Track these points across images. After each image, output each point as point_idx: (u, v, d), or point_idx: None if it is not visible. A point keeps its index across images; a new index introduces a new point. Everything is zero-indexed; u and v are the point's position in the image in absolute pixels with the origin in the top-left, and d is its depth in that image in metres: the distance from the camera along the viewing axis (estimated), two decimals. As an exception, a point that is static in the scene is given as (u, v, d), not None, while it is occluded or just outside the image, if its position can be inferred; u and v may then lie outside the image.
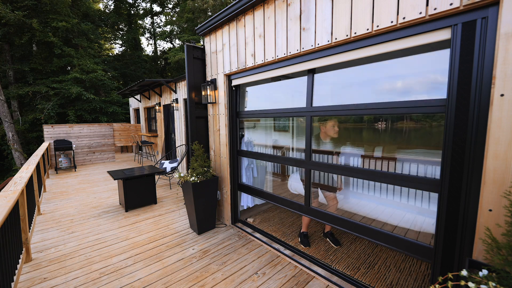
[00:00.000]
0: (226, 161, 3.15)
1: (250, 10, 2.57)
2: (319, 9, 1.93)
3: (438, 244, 1.49)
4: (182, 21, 17.41)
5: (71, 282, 2.12)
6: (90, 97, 12.07)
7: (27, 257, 2.44)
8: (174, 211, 3.77)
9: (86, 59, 12.93)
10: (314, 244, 2.75)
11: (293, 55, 2.18)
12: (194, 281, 2.13)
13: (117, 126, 9.34)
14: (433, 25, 1.41)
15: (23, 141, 11.84)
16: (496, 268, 1.00)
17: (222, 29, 3.01)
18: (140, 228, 3.20)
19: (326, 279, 2.13)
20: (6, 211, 1.70)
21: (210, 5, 14.42)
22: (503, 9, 1.16)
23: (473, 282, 0.91)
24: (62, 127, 7.33)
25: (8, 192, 2.10)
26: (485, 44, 1.24)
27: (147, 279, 2.16)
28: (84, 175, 6.35)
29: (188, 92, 3.28)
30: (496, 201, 1.21)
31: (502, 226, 1.16)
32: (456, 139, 1.37)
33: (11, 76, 11.54)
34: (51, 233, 3.07)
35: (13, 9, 10.50)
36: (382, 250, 2.60)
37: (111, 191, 4.85)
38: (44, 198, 4.44)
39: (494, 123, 1.20)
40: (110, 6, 17.78)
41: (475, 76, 1.28)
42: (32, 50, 11.86)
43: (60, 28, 11.84)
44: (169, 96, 6.67)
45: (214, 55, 3.21)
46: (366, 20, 1.65)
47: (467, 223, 1.35)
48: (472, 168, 1.31)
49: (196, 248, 2.69)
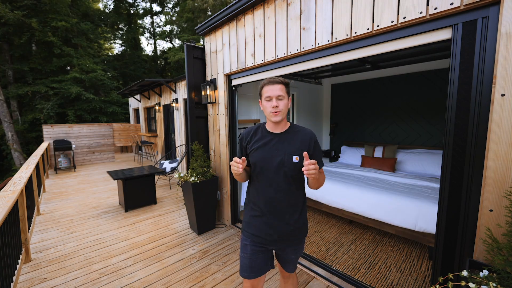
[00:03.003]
0: (226, 161, 3.15)
1: (250, 10, 2.57)
2: (319, 8, 1.92)
3: (438, 244, 1.48)
4: (182, 20, 17.40)
5: (71, 283, 2.11)
6: (90, 97, 12.06)
7: (27, 257, 2.43)
8: (174, 211, 3.77)
9: (86, 59, 12.92)
10: (315, 245, 2.75)
11: (293, 54, 2.18)
12: (194, 282, 2.13)
13: (117, 126, 9.33)
14: (433, 25, 1.40)
15: (23, 141, 11.82)
16: (496, 269, 1.00)
17: (222, 29, 3.00)
18: (140, 228, 3.20)
19: (326, 279, 2.13)
20: (5, 212, 1.70)
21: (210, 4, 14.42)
22: (503, 8, 1.15)
23: (474, 282, 0.91)
24: (61, 127, 7.32)
25: (7, 192, 2.09)
26: (486, 43, 1.24)
27: (147, 279, 2.16)
28: (84, 175, 6.34)
29: (188, 92, 3.27)
30: (497, 201, 1.20)
31: (503, 227, 1.16)
32: (456, 139, 1.37)
33: (11, 76, 11.52)
34: (51, 233, 3.06)
35: (12, 8, 10.47)
36: (383, 251, 2.60)
37: (110, 191, 4.84)
38: (43, 198, 4.43)
39: (494, 123, 1.20)
40: (110, 5, 17.75)
41: (475, 75, 1.28)
42: (31, 50, 11.83)
43: (60, 28, 11.82)
44: (168, 96, 6.66)
45: (214, 54, 3.21)
46: (367, 20, 1.64)
47: (468, 223, 1.34)
48: (473, 168, 1.31)
49: (196, 248, 2.69)
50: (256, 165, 1.28)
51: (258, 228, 1.29)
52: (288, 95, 1.26)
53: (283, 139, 1.26)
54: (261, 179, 1.28)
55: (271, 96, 1.20)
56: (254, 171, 1.30)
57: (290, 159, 1.22)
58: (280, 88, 1.20)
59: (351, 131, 5.10)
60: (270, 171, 1.25)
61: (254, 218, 1.31)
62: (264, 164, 1.25)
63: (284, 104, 1.22)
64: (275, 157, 1.24)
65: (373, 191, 2.85)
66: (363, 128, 4.88)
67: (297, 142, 1.25)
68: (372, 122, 4.71)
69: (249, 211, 1.35)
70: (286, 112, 1.26)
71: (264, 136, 1.30)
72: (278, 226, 1.27)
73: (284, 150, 1.24)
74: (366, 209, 2.78)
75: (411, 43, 1.52)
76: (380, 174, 3.61)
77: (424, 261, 2.40)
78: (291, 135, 1.28)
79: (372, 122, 4.72)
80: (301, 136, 1.27)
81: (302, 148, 1.24)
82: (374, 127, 4.69)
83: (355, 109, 4.97)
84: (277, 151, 1.25)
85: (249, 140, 1.33)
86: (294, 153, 1.23)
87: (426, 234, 2.39)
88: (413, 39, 1.51)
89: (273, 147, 1.26)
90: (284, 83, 1.23)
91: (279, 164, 1.23)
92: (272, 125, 1.29)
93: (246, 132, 1.38)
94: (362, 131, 4.90)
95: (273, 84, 1.21)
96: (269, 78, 1.24)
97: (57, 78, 11.97)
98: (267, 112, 1.24)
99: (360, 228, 3.12)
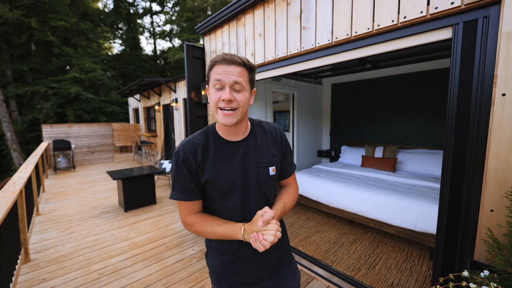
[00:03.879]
0: (226, 161, 3.14)
1: (250, 9, 2.56)
2: (319, 8, 1.92)
3: (439, 245, 1.48)
4: (182, 20, 17.40)
5: (70, 283, 2.11)
6: (89, 96, 12.05)
7: (26, 257, 2.43)
8: (174, 212, 3.76)
9: (85, 58, 12.91)
10: (315, 245, 2.74)
11: (293, 54, 2.17)
12: (194, 282, 2.12)
13: (116, 126, 9.32)
14: (434, 24, 1.40)
15: (22, 141, 11.81)
16: (497, 269, 0.99)
17: (222, 29, 3.00)
18: (140, 228, 3.19)
19: (327, 279, 2.12)
20: (4, 212, 1.69)
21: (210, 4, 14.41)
22: (504, 8, 1.15)
23: (475, 283, 0.91)
24: (61, 127, 7.31)
25: (6, 193, 2.08)
26: (487, 43, 1.23)
27: (147, 279, 2.15)
28: (83, 175, 6.33)
29: (187, 91, 3.27)
30: (498, 201, 1.20)
31: (504, 227, 1.16)
32: (457, 139, 1.36)
33: (10, 76, 11.50)
34: (50, 233, 3.06)
35: (11, 8, 10.45)
36: (383, 251, 2.59)
37: (110, 191, 4.83)
38: (43, 199, 4.42)
39: (495, 123, 1.19)
40: (109, 5, 17.73)
41: (476, 75, 1.27)
42: (30, 50, 11.82)
43: (59, 28, 11.81)
44: (168, 95, 6.65)
45: (214, 54, 3.20)
46: (367, 19, 1.64)
47: (469, 223, 1.34)
48: (474, 168, 1.30)
49: (196, 248, 2.68)
50: (224, 193, 0.86)
51: (239, 274, 0.93)
52: (252, 87, 0.84)
53: (250, 146, 0.88)
54: (230, 210, 0.87)
55: (223, 82, 0.76)
56: (214, 201, 0.88)
57: (267, 173, 0.88)
58: (239, 72, 0.76)
59: (351, 131, 5.10)
60: (243, 196, 0.86)
61: (229, 264, 0.92)
62: (233, 188, 0.85)
63: (244, 100, 0.79)
64: (248, 175, 0.86)
65: (373, 191, 2.85)
66: (363, 128, 4.87)
67: (268, 147, 0.91)
68: (372, 122, 4.70)
69: (217, 255, 0.94)
70: (246, 111, 0.83)
71: (221, 149, 0.86)
72: (262, 259, 0.93)
73: (256, 162, 0.87)
74: (367, 209, 2.78)
75: (411, 42, 1.52)
76: (380, 174, 3.61)
77: (425, 262, 2.39)
78: (258, 137, 0.91)
79: (372, 122, 4.71)
80: (270, 136, 0.93)
81: (276, 152, 0.92)
82: (374, 127, 4.69)
83: (355, 109, 4.97)
84: (248, 166, 0.86)
85: (200, 160, 0.84)
86: (270, 163, 0.89)
87: (427, 234, 2.39)
88: (414, 38, 1.50)
89: (241, 162, 0.85)
90: (248, 66, 0.79)
91: (256, 183, 0.86)
92: (227, 129, 0.85)
93: (190, 148, 0.84)
94: (362, 131, 4.90)
95: (229, 64, 0.76)
96: (225, 54, 0.77)
97: (57, 78, 11.96)
98: (213, 107, 0.80)
99: (361, 228, 3.12)
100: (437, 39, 1.42)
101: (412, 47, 1.54)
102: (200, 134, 0.88)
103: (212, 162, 0.84)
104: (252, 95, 0.85)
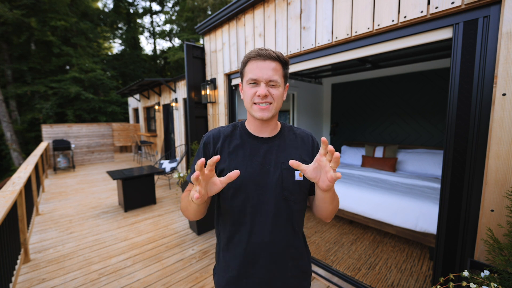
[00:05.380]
0: (226, 161, 3.14)
1: (250, 9, 2.56)
2: (319, 8, 1.92)
3: (439, 245, 1.48)
4: (182, 20, 17.39)
5: (70, 283, 2.11)
6: (89, 96, 12.05)
7: (26, 257, 2.42)
8: (174, 212, 3.76)
9: (85, 58, 12.91)
10: (315, 245, 2.74)
11: (293, 54, 2.17)
12: (194, 282, 2.12)
13: (116, 126, 9.32)
14: (434, 24, 1.40)
15: (22, 141, 11.81)
16: (498, 269, 0.99)
17: (222, 28, 3.00)
18: (139, 228, 3.19)
19: (327, 280, 2.12)
20: (4, 212, 1.69)
21: (209, 3, 14.40)
22: (505, 8, 1.15)
23: (475, 283, 0.91)
24: (60, 127, 7.30)
25: (6, 193, 2.08)
26: (487, 43, 1.23)
27: (147, 280, 2.15)
28: (83, 175, 6.33)
29: (187, 91, 3.26)
30: (498, 201, 1.20)
31: (504, 227, 1.16)
32: (457, 139, 1.36)
33: (10, 76, 11.50)
34: (50, 233, 3.05)
35: (11, 8, 10.45)
36: (383, 251, 2.59)
37: (110, 191, 4.83)
38: (42, 199, 4.41)
39: (496, 122, 1.19)
40: (109, 5, 17.74)
41: (476, 75, 1.27)
42: (30, 49, 11.82)
43: (59, 27, 11.80)
44: (168, 95, 6.65)
45: (214, 54, 3.20)
46: (367, 19, 1.63)
47: (469, 223, 1.34)
48: (474, 168, 1.30)
49: (196, 248, 2.68)
50: (236, 188, 0.78)
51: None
52: (285, 82, 0.82)
53: (276, 146, 0.83)
54: (245, 212, 0.79)
55: (259, 80, 0.75)
56: (226, 199, 0.80)
57: (291, 176, 0.79)
58: (274, 67, 0.75)
59: (352, 131, 5.10)
60: (261, 198, 0.78)
61: (233, 284, 0.82)
62: (250, 186, 0.78)
63: (279, 95, 0.77)
64: (268, 175, 0.79)
65: (373, 191, 2.85)
66: (364, 128, 4.87)
67: (297, 150, 0.84)
68: (373, 121, 4.70)
69: (221, 272, 0.85)
70: (280, 106, 0.80)
71: (245, 142, 0.83)
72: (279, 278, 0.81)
73: (281, 163, 0.80)
74: (367, 209, 2.78)
75: (412, 42, 1.51)
76: (380, 174, 3.61)
77: (425, 262, 2.39)
78: (287, 139, 0.86)
79: (372, 121, 4.71)
80: (301, 140, 0.87)
81: (305, 158, 0.84)
82: (375, 127, 4.69)
83: (355, 108, 4.97)
84: (270, 165, 0.80)
85: (219, 147, 0.82)
86: None
87: (427, 234, 2.39)
88: (414, 38, 1.50)
89: (263, 159, 0.80)
90: (282, 60, 0.77)
91: (276, 185, 0.78)
92: (257, 125, 0.83)
93: (214, 134, 0.85)
94: (363, 131, 4.90)
95: (264, 59, 0.75)
96: (259, 49, 0.76)
97: (56, 77, 11.96)
98: (248, 103, 0.79)
99: (361, 228, 3.12)
100: (437, 39, 1.42)
101: (412, 47, 1.54)
102: (228, 126, 0.89)
103: (232, 152, 0.81)
104: (285, 90, 0.82)
